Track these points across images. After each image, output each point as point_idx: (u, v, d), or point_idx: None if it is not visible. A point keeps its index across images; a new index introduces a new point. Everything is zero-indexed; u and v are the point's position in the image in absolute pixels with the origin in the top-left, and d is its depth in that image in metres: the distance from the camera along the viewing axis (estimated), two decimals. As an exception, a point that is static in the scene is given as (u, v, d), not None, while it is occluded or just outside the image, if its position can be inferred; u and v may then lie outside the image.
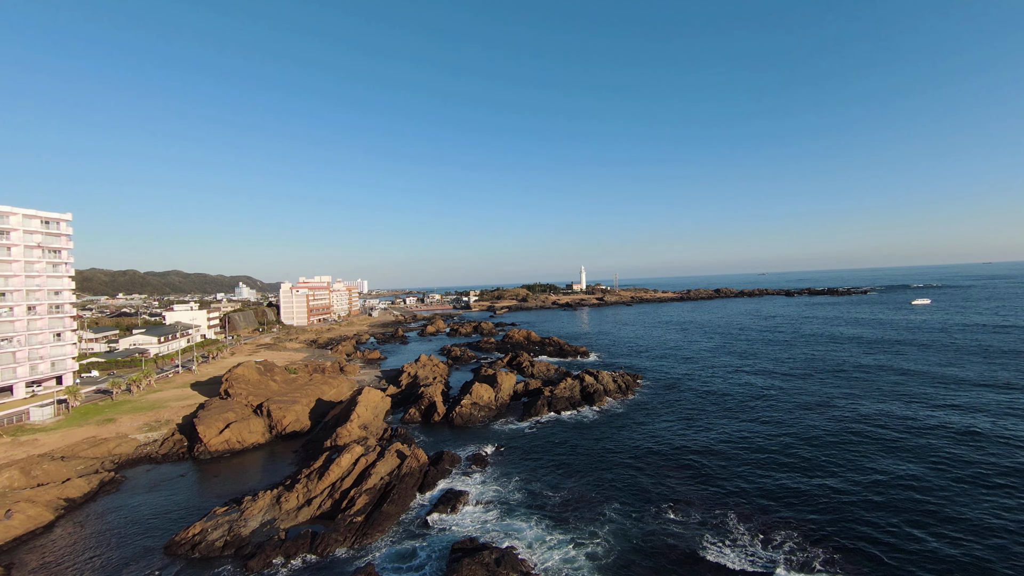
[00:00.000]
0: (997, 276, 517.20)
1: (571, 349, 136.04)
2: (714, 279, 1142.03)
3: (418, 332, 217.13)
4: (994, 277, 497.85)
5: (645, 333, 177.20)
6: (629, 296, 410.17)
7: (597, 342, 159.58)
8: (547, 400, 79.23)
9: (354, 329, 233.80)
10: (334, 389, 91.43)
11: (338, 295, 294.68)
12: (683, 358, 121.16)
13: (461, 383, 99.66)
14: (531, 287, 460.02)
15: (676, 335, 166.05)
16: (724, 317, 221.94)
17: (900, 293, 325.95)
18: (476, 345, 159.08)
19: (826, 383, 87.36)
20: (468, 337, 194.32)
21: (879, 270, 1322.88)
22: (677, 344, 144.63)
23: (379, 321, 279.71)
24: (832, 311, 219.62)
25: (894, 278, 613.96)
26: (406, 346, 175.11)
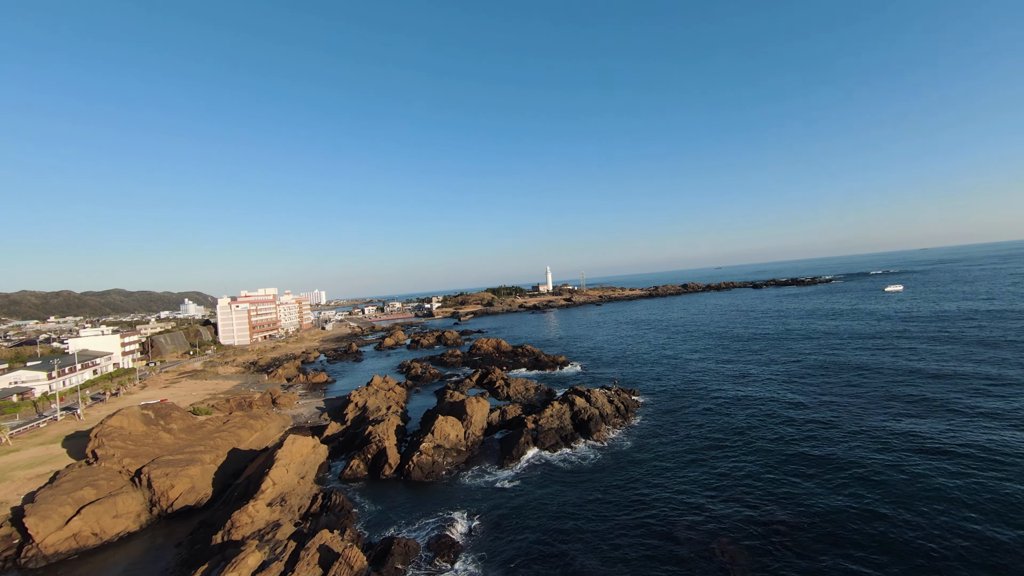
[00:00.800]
0: (944, 260, 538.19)
1: (548, 360, 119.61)
2: (674, 275, 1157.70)
3: (375, 346, 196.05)
4: (941, 261, 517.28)
5: (623, 335, 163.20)
6: (597, 295, 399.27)
7: (574, 348, 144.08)
8: (531, 434, 62.19)
9: (303, 346, 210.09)
10: (257, 433, 71.38)
11: (286, 309, 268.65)
12: (674, 364, 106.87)
13: (422, 411, 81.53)
14: (496, 290, 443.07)
15: (657, 336, 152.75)
16: (700, 313, 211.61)
17: (863, 280, 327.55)
18: (440, 359, 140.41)
19: (855, 395, 74.08)
20: (431, 349, 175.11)
21: (829, 259, 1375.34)
22: (662, 347, 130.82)
23: (333, 335, 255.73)
24: (808, 302, 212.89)
25: (848, 266, 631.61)
26: (360, 364, 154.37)
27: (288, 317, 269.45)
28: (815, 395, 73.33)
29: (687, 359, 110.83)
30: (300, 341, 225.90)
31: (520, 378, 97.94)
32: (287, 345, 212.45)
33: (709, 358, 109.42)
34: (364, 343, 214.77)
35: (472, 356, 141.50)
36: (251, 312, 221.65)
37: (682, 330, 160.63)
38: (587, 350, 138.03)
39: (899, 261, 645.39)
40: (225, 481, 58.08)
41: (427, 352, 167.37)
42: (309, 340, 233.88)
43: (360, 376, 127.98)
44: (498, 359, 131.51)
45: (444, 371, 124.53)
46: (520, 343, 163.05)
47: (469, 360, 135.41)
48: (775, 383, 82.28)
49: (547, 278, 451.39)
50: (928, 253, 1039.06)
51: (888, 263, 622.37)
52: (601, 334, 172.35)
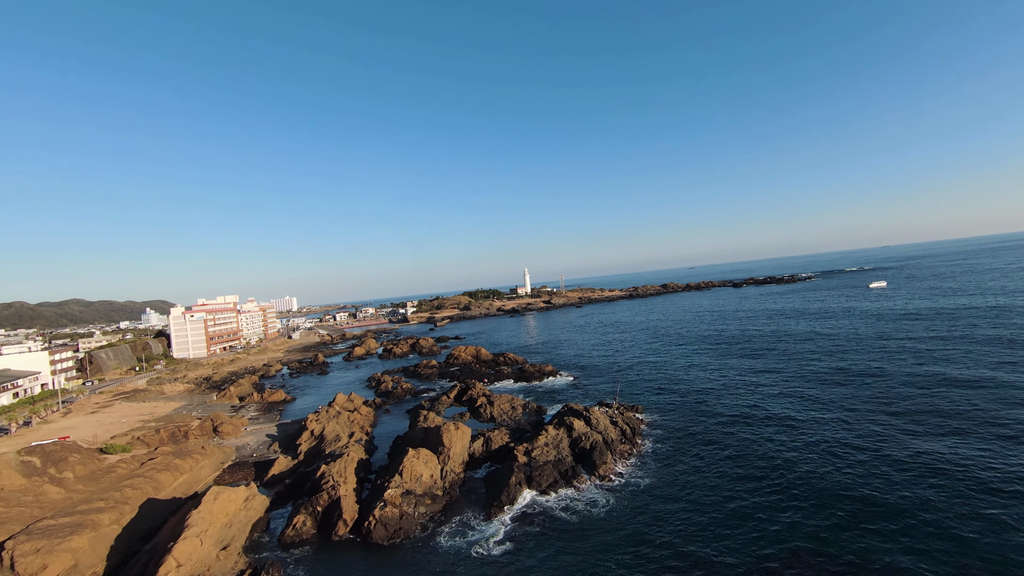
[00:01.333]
0: (912, 256, 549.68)
1: (534, 370, 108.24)
2: (650, 275, 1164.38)
3: (344, 356, 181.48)
4: (911, 257, 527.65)
5: (609, 339, 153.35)
6: (577, 297, 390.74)
7: (560, 355, 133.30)
8: (523, 471, 50.76)
9: (265, 357, 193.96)
10: (184, 476, 58.01)
11: (249, 317, 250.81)
12: (672, 373, 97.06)
13: (392, 438, 69.35)
14: (473, 294, 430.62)
15: (648, 340, 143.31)
16: (687, 315, 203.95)
17: (841, 277, 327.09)
18: (414, 371, 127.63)
19: (890, 411, 65.02)
20: (404, 359, 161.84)
21: (798, 257, 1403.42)
22: (655, 352, 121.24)
23: (299, 344, 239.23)
24: (795, 301, 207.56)
25: (820, 264, 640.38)
26: (326, 377, 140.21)
27: (251, 326, 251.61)
28: (841, 410, 63.98)
29: (685, 367, 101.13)
30: (263, 352, 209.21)
31: (505, 393, 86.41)
32: (248, 357, 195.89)
33: (709, 365, 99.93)
34: (333, 353, 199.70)
35: (449, 366, 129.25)
36: (208, 322, 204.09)
37: (672, 333, 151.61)
38: (574, 357, 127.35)
39: (867, 258, 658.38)
40: (131, 547, 44.83)
41: (400, 362, 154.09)
42: (273, 351, 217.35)
43: (324, 392, 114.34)
44: (478, 370, 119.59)
45: (418, 385, 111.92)
46: (501, 350, 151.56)
47: (446, 371, 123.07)
48: (791, 396, 72.83)
49: (525, 280, 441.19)
50: (892, 250, 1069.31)
51: (856, 260, 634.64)
52: (586, 338, 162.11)
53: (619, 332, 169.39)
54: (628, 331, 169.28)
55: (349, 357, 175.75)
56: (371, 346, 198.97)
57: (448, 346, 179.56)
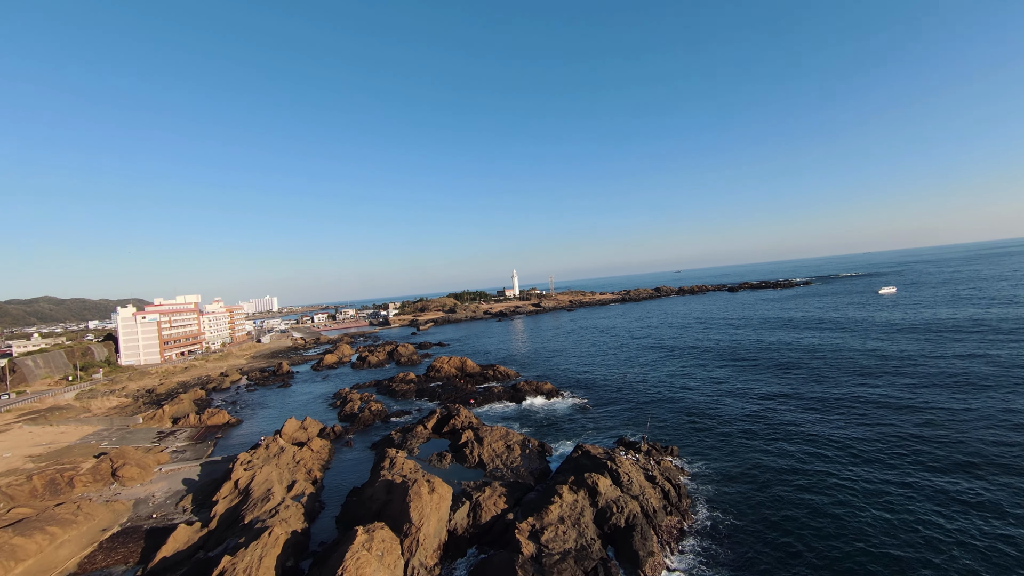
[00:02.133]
0: (903, 262, 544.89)
1: (530, 388, 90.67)
2: (637, 278, 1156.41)
3: (313, 364, 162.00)
4: (901, 263, 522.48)
5: (609, 349, 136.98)
6: (567, 300, 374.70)
7: (557, 368, 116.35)
8: (531, 568, 33.43)
9: (225, 364, 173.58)
10: (21, 566, 39.37)
11: (213, 319, 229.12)
12: (698, 399, 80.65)
13: (345, 491, 51.63)
14: (459, 296, 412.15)
15: (652, 351, 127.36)
16: (689, 321, 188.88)
17: (843, 283, 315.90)
18: (388, 386, 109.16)
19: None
20: (380, 369, 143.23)
21: (782, 262, 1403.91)
22: (668, 368, 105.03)
23: (267, 350, 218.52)
24: (802, 308, 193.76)
25: (808, 269, 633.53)
26: (287, 391, 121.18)
27: (215, 329, 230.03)
28: (951, 463, 47.96)
29: (711, 389, 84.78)
30: (224, 358, 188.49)
31: (497, 425, 68.97)
32: (206, 364, 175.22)
33: (739, 388, 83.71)
34: (302, 360, 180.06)
35: (430, 381, 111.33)
36: (162, 324, 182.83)
37: (681, 344, 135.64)
38: (574, 371, 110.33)
39: (856, 263, 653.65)
40: None
41: (374, 373, 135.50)
42: (237, 356, 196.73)
43: (280, 412, 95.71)
44: (463, 387, 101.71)
45: (391, 405, 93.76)
46: (489, 360, 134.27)
47: (425, 388, 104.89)
48: (861, 440, 56.61)
49: (513, 282, 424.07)
50: (876, 256, 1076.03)
51: (845, 265, 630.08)
52: (583, 348, 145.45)
53: (618, 340, 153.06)
54: (628, 340, 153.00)
55: (319, 366, 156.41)
56: (345, 353, 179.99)
57: (430, 354, 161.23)
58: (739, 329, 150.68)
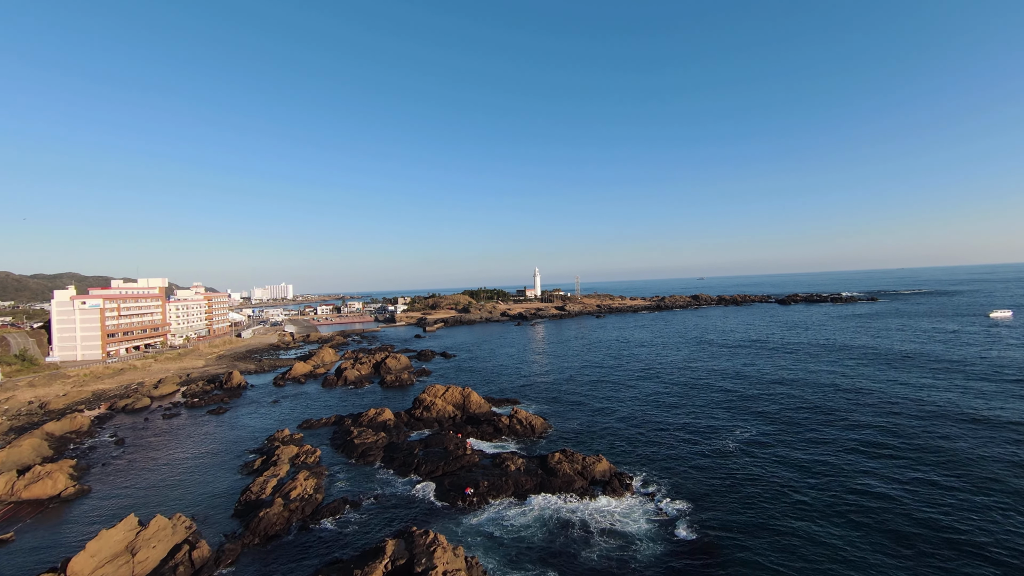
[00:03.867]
0: (967, 280, 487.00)
1: (573, 467, 51.84)
2: (661, 283, 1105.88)
3: (278, 375, 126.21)
4: (967, 281, 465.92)
5: (674, 383, 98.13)
6: (595, 304, 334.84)
7: (604, 412, 78.00)
8: None
9: (176, 366, 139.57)
10: None
11: (183, 308, 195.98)
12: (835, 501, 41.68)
13: None
14: (475, 293, 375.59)
15: (721, 377, 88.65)
16: (747, 339, 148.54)
17: (920, 301, 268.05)
18: (349, 430, 71.25)
19: None
20: (357, 390, 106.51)
21: (817, 274, 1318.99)
22: (759, 411, 66.51)
23: (244, 347, 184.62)
24: (889, 335, 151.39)
25: (847, 283, 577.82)
26: (218, 419, 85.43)
27: (187, 319, 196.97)
28: None
29: (832, 466, 45.77)
30: (180, 358, 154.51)
31: None
32: (153, 364, 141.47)
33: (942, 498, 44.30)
34: (272, 365, 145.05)
35: (412, 426, 73.88)
36: (107, 311, 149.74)
37: (753, 373, 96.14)
38: (640, 428, 71.18)
39: (900, 280, 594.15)
40: None
41: (346, 399, 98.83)
42: (201, 355, 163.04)
43: (164, 476, 59.72)
44: (459, 445, 63.17)
45: (336, 477, 56.35)
46: (503, 387, 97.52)
47: (401, 442, 66.81)
48: None
49: (535, 281, 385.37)
50: (916, 272, 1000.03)
51: (887, 281, 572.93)
52: (633, 373, 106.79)
53: (674, 364, 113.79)
54: (691, 365, 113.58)
55: (283, 378, 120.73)
56: (324, 360, 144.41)
57: (427, 372, 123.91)
58: (839, 363, 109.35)
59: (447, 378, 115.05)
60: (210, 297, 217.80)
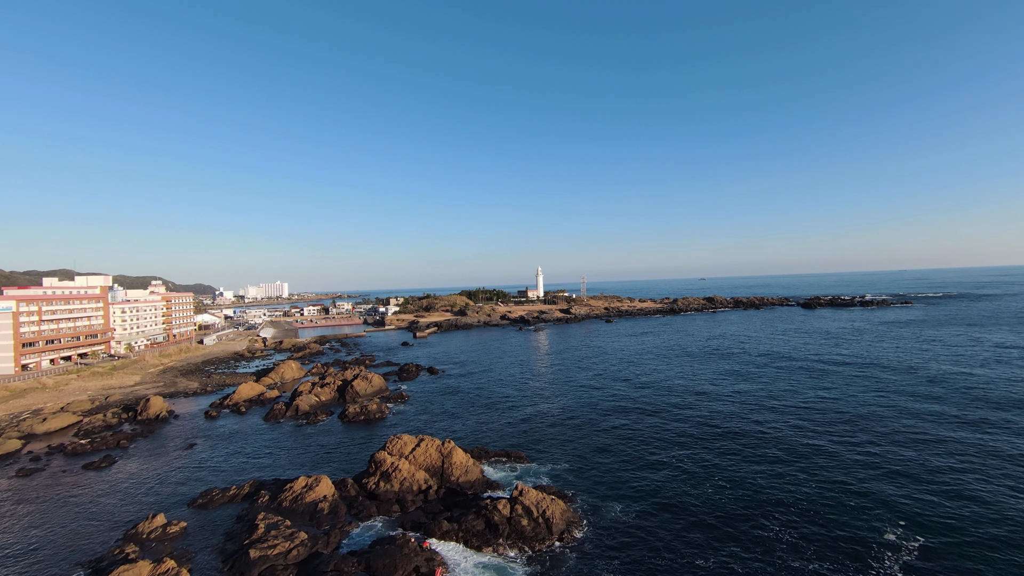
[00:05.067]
0: (994, 282, 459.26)
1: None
2: (663, 284, 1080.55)
3: (216, 401, 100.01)
4: (996, 283, 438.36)
5: (719, 413, 72.89)
6: (603, 307, 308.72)
7: (645, 468, 52.43)
8: None
9: (100, 385, 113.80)
10: None
11: (132, 311, 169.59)
12: None
13: None
14: (473, 294, 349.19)
15: (783, 412, 62.94)
16: (785, 353, 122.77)
17: (967, 304, 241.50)
18: (253, 532, 45.93)
19: None
20: (309, 426, 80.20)
21: (824, 275, 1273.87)
22: None
23: (199, 357, 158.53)
24: (954, 344, 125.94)
25: (881, 285, 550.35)
26: (96, 474, 59.59)
27: (137, 323, 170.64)
28: None
29: None
30: (111, 373, 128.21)
31: None
32: (76, 380, 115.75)
33: None
34: (221, 383, 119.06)
35: (361, 508, 47.85)
36: (24, 316, 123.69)
37: (818, 403, 70.44)
38: (693, 488, 45.96)
39: (908, 282, 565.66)
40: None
41: (289, 440, 72.77)
42: (146, 366, 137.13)
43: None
44: (429, 560, 37.47)
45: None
46: (502, 436, 71.05)
47: (329, 555, 41.52)
48: None
49: (538, 281, 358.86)
50: (904, 275, 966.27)
51: (892, 282, 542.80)
52: (674, 406, 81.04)
53: (716, 390, 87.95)
54: (736, 391, 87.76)
55: (222, 405, 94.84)
56: (284, 376, 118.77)
57: (406, 395, 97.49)
58: (933, 399, 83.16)
59: (428, 407, 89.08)
60: (169, 297, 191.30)
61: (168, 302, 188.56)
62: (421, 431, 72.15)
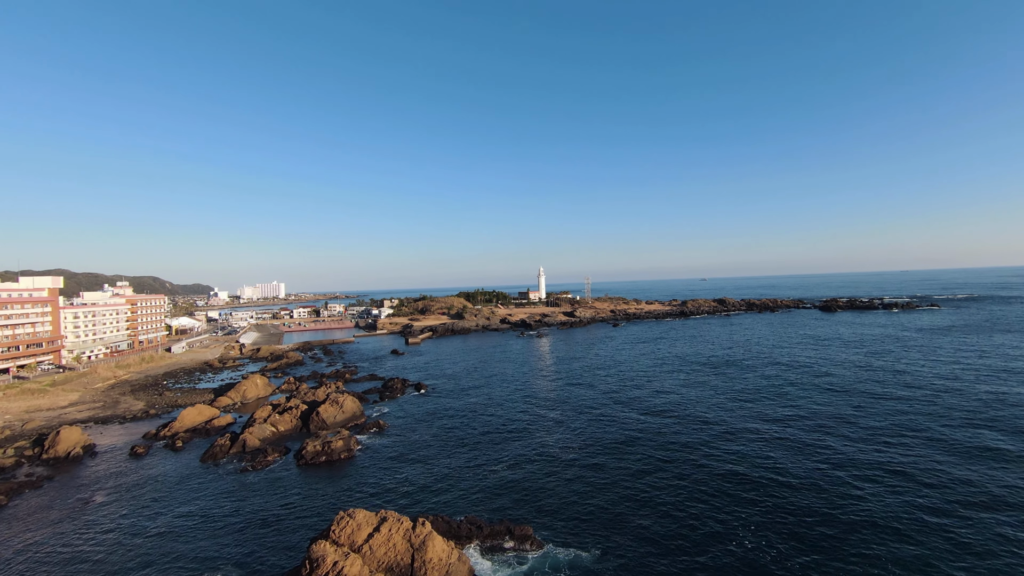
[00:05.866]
0: (1020, 283, 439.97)
1: None
2: (663, 284, 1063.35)
3: (158, 428, 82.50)
4: (1004, 284, 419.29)
5: (760, 447, 55.26)
6: (608, 309, 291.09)
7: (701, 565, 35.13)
8: None
9: (25, 406, 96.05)
10: None
11: (86, 316, 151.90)
12: None
13: None
14: (471, 295, 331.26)
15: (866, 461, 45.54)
16: (831, 367, 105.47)
17: (988, 308, 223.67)
18: None
19: None
20: (253, 472, 62.34)
21: (829, 275, 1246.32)
22: None
23: (160, 369, 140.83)
24: (1008, 353, 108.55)
25: (893, 286, 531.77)
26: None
27: (94, 329, 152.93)
28: None
29: None
30: (46, 390, 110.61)
31: None
32: (1, 400, 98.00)
33: None
34: (172, 403, 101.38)
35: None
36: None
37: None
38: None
39: (921, 283, 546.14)
40: None
41: (221, 496, 55.07)
42: (93, 380, 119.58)
43: None
44: None
45: None
46: (493, 490, 52.88)
47: None
48: None
49: (540, 282, 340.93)
50: (909, 275, 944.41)
51: (902, 283, 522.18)
52: (704, 438, 63.55)
53: (756, 412, 70.53)
54: (780, 409, 70.27)
55: (157, 436, 77.47)
56: (246, 395, 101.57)
57: (383, 425, 79.51)
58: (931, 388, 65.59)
59: (408, 442, 71.38)
60: (135, 300, 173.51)
61: (133, 305, 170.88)
62: (388, 490, 54.60)
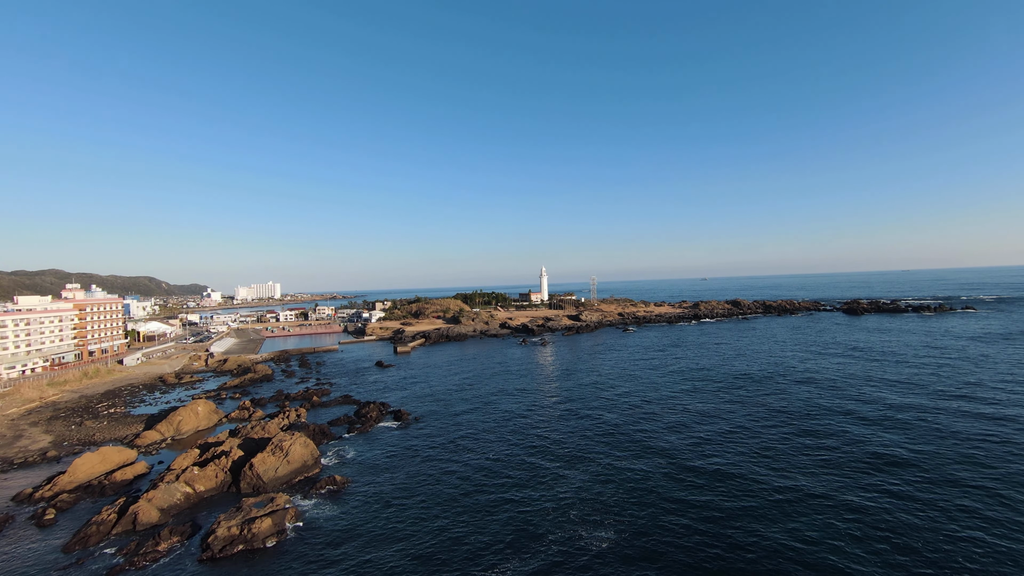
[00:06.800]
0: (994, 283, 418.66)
1: None
2: (666, 284, 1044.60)
3: (25, 493, 62.35)
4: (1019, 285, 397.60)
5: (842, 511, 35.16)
6: (616, 312, 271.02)
7: None
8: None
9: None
10: None
11: (24, 322, 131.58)
12: None
13: None
14: (469, 297, 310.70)
15: None
16: (884, 389, 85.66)
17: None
18: None
19: None
20: (126, 573, 42.60)
21: (834, 275, 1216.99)
22: None
23: (100, 388, 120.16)
24: None
25: (901, 286, 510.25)
26: None
27: (33, 338, 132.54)
28: None
29: None
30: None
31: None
32: None
33: None
34: (81, 439, 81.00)
35: None
36: None
37: None
38: None
39: (935, 283, 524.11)
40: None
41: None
42: (12, 402, 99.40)
43: None
44: None
45: None
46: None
47: None
48: None
49: (542, 283, 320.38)
50: (916, 275, 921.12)
51: (914, 284, 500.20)
52: (759, 500, 43.51)
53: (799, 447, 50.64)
54: (841, 446, 50.39)
55: (33, 494, 57.31)
56: (182, 427, 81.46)
57: (342, 482, 59.07)
58: None
59: (367, 513, 50.75)
60: (84, 305, 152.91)
61: (82, 311, 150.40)
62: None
